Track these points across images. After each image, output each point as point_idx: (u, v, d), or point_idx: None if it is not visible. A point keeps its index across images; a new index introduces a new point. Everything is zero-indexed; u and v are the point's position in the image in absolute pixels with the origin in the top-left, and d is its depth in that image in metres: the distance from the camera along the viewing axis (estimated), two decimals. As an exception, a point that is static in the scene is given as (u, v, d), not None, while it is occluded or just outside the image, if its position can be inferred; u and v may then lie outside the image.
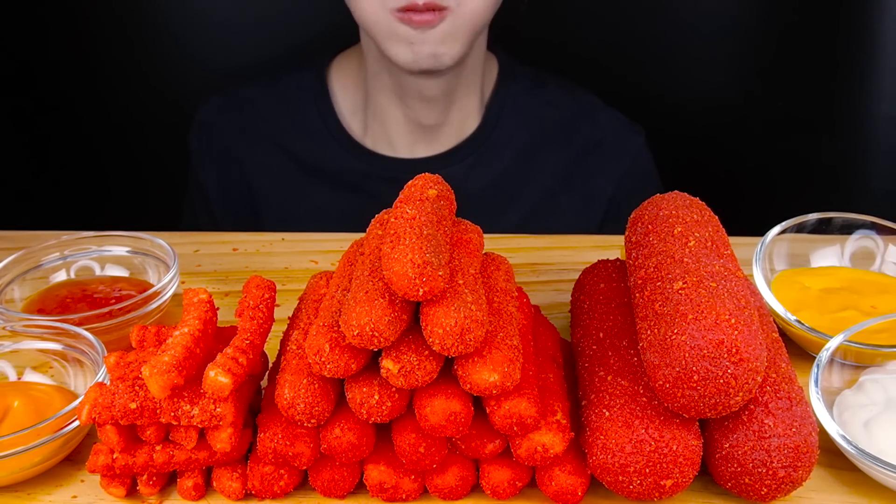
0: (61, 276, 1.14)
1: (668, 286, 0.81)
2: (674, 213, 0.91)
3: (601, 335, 0.89)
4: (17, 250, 1.12)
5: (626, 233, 0.95)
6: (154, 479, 0.84)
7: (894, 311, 1.01)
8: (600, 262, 1.01)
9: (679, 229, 0.88)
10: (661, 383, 0.77)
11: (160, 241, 1.13)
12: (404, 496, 0.83)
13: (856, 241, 1.11)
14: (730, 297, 0.78)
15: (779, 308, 0.99)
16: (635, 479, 0.78)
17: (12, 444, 0.83)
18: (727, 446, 0.79)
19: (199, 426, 0.80)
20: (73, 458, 0.89)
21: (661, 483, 0.78)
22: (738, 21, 1.63)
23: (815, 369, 0.89)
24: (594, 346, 0.88)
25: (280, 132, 1.58)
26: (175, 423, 0.80)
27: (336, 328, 0.78)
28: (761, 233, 1.09)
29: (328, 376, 0.78)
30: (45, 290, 1.11)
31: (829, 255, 1.12)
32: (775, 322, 0.93)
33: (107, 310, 1.02)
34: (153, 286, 1.07)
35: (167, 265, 1.11)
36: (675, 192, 0.96)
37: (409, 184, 0.86)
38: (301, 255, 1.24)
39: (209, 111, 1.61)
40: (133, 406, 0.79)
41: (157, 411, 0.79)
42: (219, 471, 0.84)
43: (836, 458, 0.86)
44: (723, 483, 0.81)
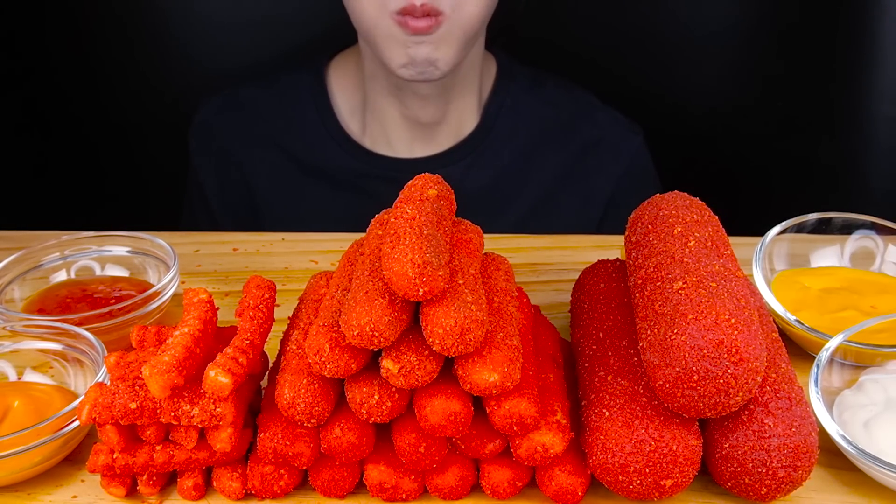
0: (61, 276, 1.14)
1: (668, 286, 0.81)
2: (674, 213, 0.91)
3: (601, 335, 0.89)
4: (17, 250, 1.12)
5: (626, 233, 0.95)
6: (154, 479, 0.84)
7: (894, 311, 1.01)
8: (600, 262, 1.01)
9: (679, 229, 0.88)
10: (661, 383, 0.77)
11: (160, 241, 1.13)
12: (404, 496, 0.83)
13: (856, 241, 1.11)
14: (730, 297, 0.78)
15: (779, 308, 0.99)
16: (635, 479, 0.78)
17: (12, 444, 0.83)
18: (727, 446, 0.79)
19: (199, 426, 0.80)
20: (73, 458, 0.89)
21: (661, 483, 0.78)
22: (738, 21, 1.63)
23: (815, 369, 0.89)
24: (594, 346, 0.88)
25: (279, 132, 1.58)
26: (175, 423, 0.80)
27: (336, 328, 0.78)
28: (761, 233, 1.09)
29: (328, 376, 0.78)
30: (45, 290, 1.11)
31: (829, 255, 1.12)
32: (775, 322, 0.93)
33: (107, 310, 1.02)
34: (153, 286, 1.07)
35: (167, 265, 1.11)
36: (675, 192, 0.96)
37: (409, 184, 0.86)
38: (301, 255, 1.24)
39: (208, 111, 1.61)
40: (133, 406, 0.79)
41: (157, 411, 0.79)
42: (219, 471, 0.84)
43: (836, 458, 0.86)
44: (723, 483, 0.81)
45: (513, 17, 1.52)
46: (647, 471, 0.77)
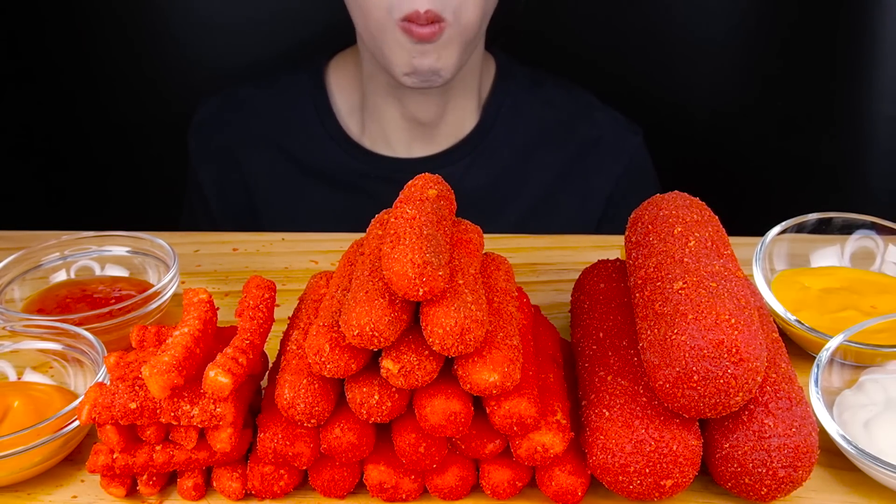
0: (61, 276, 1.14)
1: (668, 286, 0.81)
2: (674, 213, 0.91)
3: (601, 335, 0.89)
4: (17, 250, 1.12)
5: (626, 233, 0.95)
6: (154, 479, 0.84)
7: (894, 311, 1.01)
8: (600, 262, 1.01)
9: (679, 229, 0.88)
10: (661, 383, 0.77)
11: (160, 241, 1.13)
12: (404, 496, 0.83)
13: (856, 241, 1.11)
14: (730, 297, 0.78)
15: (779, 308, 0.99)
16: (635, 479, 0.78)
17: (12, 444, 0.83)
18: (727, 446, 0.79)
19: (199, 426, 0.80)
20: (73, 458, 0.89)
21: (661, 483, 0.78)
22: (738, 21, 1.63)
23: (815, 369, 0.89)
24: (594, 346, 0.88)
25: (278, 132, 1.58)
26: (175, 423, 0.80)
27: (336, 328, 0.78)
28: (761, 233, 1.09)
29: (328, 376, 0.78)
30: (45, 290, 1.11)
31: (829, 255, 1.12)
32: (775, 322, 0.93)
33: (107, 310, 1.02)
34: (153, 286, 1.07)
35: (167, 265, 1.11)
36: (675, 192, 0.96)
37: (409, 184, 0.86)
38: (301, 255, 1.24)
39: (207, 111, 1.61)
40: (133, 406, 0.79)
41: (157, 411, 0.79)
42: (219, 471, 0.84)
43: (836, 458, 0.86)
44: (723, 483, 0.81)
45: (512, 17, 1.52)
46: (647, 471, 0.77)
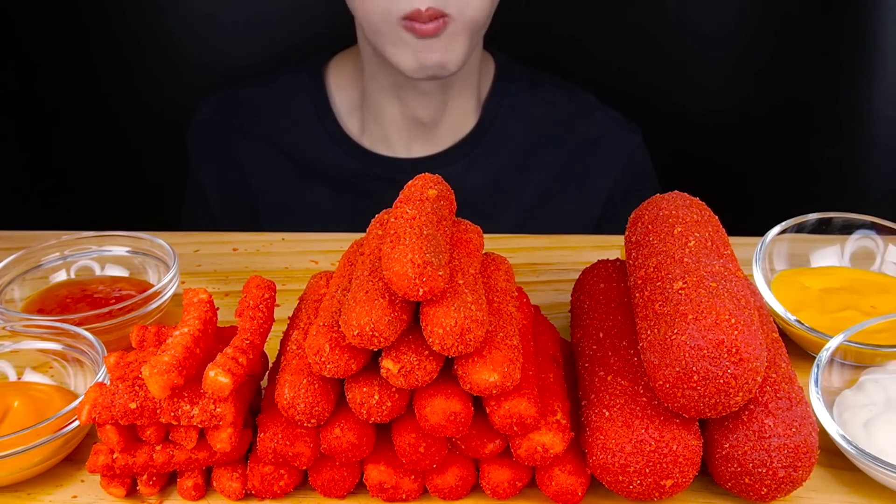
0: (61, 276, 1.14)
1: (668, 286, 0.81)
2: (674, 213, 0.91)
3: (601, 335, 0.89)
4: (17, 250, 1.12)
5: (626, 233, 0.95)
6: (154, 479, 0.84)
7: (894, 311, 1.01)
8: (600, 262, 1.01)
9: (679, 229, 0.88)
10: (661, 383, 0.77)
11: (160, 241, 1.13)
12: (404, 496, 0.83)
13: (856, 241, 1.11)
14: (730, 297, 0.78)
15: (779, 308, 0.99)
16: (635, 479, 0.78)
17: (12, 444, 0.83)
18: (727, 446, 0.79)
19: (199, 426, 0.80)
20: (73, 458, 0.89)
21: (661, 483, 0.78)
22: (738, 20, 1.63)
23: (815, 369, 0.89)
24: (594, 346, 0.88)
25: (278, 132, 1.58)
26: (175, 423, 0.80)
27: (336, 328, 0.78)
28: (761, 233, 1.09)
29: (328, 376, 0.78)
30: (45, 290, 1.11)
31: (829, 255, 1.12)
32: (775, 322, 0.93)
33: (107, 310, 1.02)
34: (153, 286, 1.07)
35: (167, 265, 1.11)
36: (675, 192, 0.96)
37: (409, 184, 0.86)
38: (301, 255, 1.24)
39: (208, 111, 1.61)
40: (133, 406, 0.79)
41: (157, 411, 0.79)
42: (219, 471, 0.84)
43: (836, 458, 0.86)
44: (723, 483, 0.81)
45: (512, 16, 1.52)
46: (647, 471, 0.77)
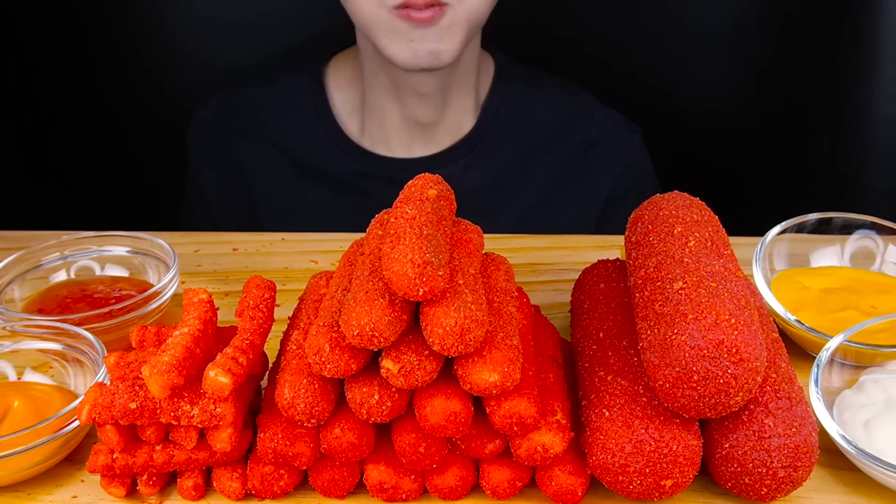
0: (61, 276, 1.14)
1: (668, 286, 0.81)
2: (674, 213, 0.91)
3: (601, 335, 0.89)
4: (17, 250, 1.12)
5: (626, 233, 0.95)
6: (154, 479, 0.84)
7: (894, 311, 1.01)
8: (600, 262, 1.01)
9: (679, 229, 0.88)
10: (661, 383, 0.77)
11: (160, 241, 1.13)
12: (404, 496, 0.83)
13: (856, 241, 1.11)
14: (730, 297, 0.78)
15: (779, 308, 0.99)
16: (635, 479, 0.78)
17: (12, 444, 0.83)
18: (727, 446, 0.79)
19: (199, 426, 0.80)
20: (73, 458, 0.89)
21: (661, 483, 0.78)
22: (738, 20, 1.63)
23: (815, 369, 0.89)
24: (594, 346, 0.88)
25: (277, 132, 1.58)
26: (175, 423, 0.80)
27: (336, 328, 0.78)
28: (761, 233, 1.09)
29: (328, 376, 0.78)
30: (45, 290, 1.11)
31: (829, 255, 1.12)
32: (775, 322, 0.93)
33: (107, 310, 1.02)
34: (153, 286, 1.07)
35: (167, 265, 1.11)
36: (675, 192, 0.96)
37: (409, 184, 0.86)
38: (301, 255, 1.24)
39: (207, 111, 1.61)
40: (133, 406, 0.79)
41: (157, 411, 0.79)
42: (219, 471, 0.84)
43: (836, 458, 0.86)
44: (723, 483, 0.81)
45: (510, 16, 1.52)
46: (647, 471, 0.77)
